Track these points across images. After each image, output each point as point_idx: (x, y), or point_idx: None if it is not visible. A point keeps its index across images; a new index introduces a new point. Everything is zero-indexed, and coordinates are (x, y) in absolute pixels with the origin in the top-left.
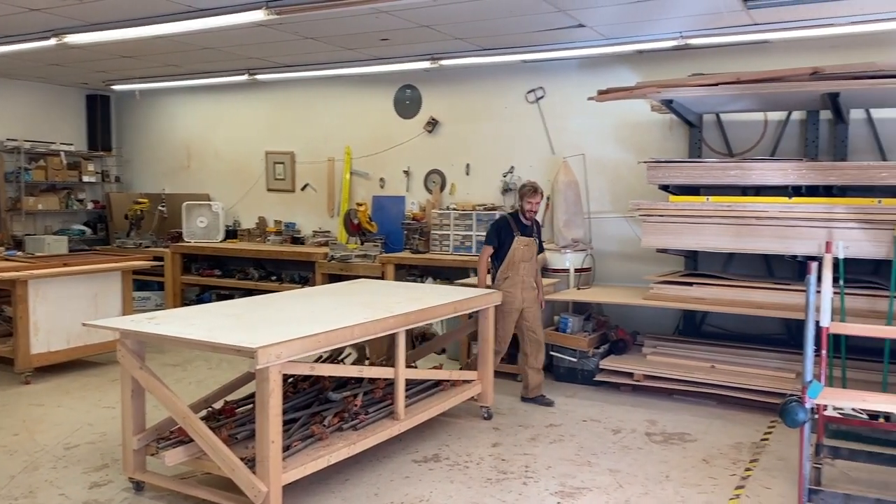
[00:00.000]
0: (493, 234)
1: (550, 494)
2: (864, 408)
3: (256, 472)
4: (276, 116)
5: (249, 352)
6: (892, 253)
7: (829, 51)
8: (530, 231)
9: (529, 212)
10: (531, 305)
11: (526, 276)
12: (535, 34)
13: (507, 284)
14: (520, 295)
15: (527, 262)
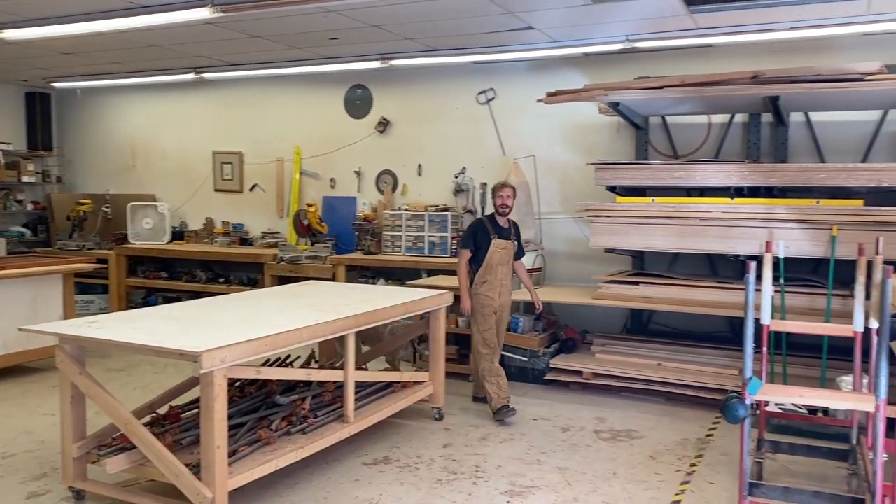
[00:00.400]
0: (468, 238)
1: (500, 494)
2: (802, 403)
3: (202, 477)
4: (224, 116)
5: (193, 356)
6: (830, 252)
7: (769, 55)
8: (507, 233)
9: (502, 206)
10: (505, 310)
11: (504, 279)
12: (485, 35)
13: (486, 288)
14: (498, 299)
15: (504, 266)
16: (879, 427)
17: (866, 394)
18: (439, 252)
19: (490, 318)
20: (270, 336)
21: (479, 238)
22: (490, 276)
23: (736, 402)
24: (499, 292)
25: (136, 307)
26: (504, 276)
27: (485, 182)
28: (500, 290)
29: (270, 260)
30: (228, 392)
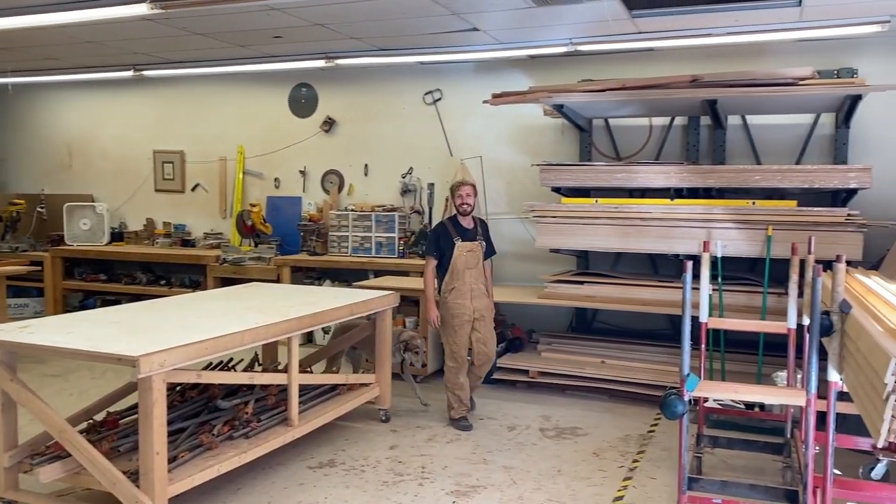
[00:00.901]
0: (432, 244)
1: (446, 494)
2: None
3: (140, 485)
4: (165, 114)
5: (131, 360)
6: (765, 251)
7: (708, 60)
8: (472, 234)
9: (462, 206)
10: (485, 315)
11: (474, 283)
12: (431, 36)
13: (454, 296)
14: (470, 305)
15: (472, 269)
16: (811, 420)
17: (799, 389)
18: (387, 253)
19: (461, 329)
20: (212, 339)
21: (443, 243)
22: (458, 283)
23: (675, 398)
24: (470, 297)
25: (73, 310)
26: (474, 280)
27: (432, 182)
28: (472, 295)
29: (213, 261)
30: (168, 397)
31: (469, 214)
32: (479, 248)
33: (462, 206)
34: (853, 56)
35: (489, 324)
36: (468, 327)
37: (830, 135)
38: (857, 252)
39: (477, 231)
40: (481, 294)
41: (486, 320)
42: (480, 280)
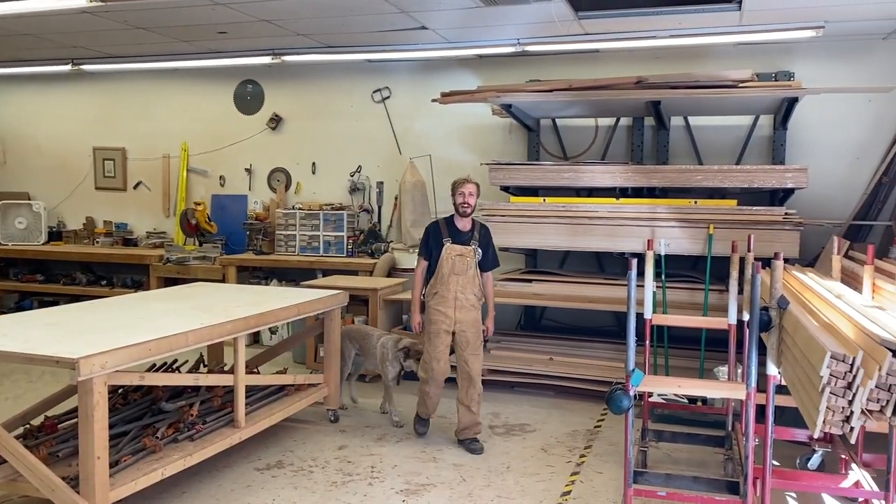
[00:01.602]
0: (422, 244)
1: (396, 493)
2: (681, 393)
3: (80, 491)
4: (106, 110)
5: (70, 363)
6: (707, 249)
7: (653, 61)
8: (467, 238)
9: (462, 205)
10: (466, 329)
11: (460, 292)
12: (379, 34)
13: (435, 301)
14: (452, 315)
15: (460, 276)
16: (750, 413)
17: (739, 383)
18: (335, 252)
19: (437, 340)
20: (155, 340)
21: (432, 243)
22: (441, 288)
23: (620, 393)
24: (453, 307)
25: (8, 312)
26: (460, 289)
27: (381, 181)
28: (455, 305)
29: (156, 261)
30: (110, 399)
31: (469, 216)
32: (472, 255)
33: (462, 205)
34: (790, 60)
35: (473, 340)
36: (445, 339)
37: (769, 136)
38: (794, 250)
39: (473, 236)
40: (468, 306)
41: (469, 336)
42: (470, 290)
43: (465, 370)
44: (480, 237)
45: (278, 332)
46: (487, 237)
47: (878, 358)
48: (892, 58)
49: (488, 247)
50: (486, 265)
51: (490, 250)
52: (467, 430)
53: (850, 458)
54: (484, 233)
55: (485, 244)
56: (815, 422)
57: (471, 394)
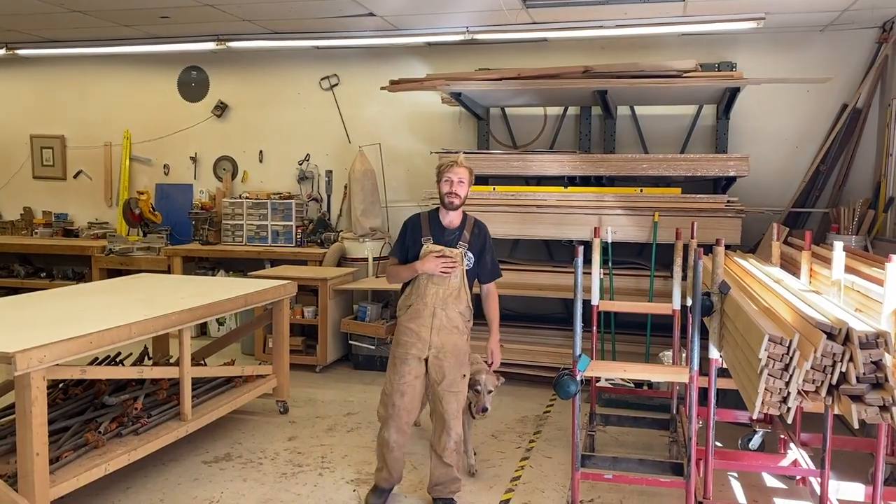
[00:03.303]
0: (398, 239)
1: (346, 483)
2: (627, 377)
3: (19, 489)
4: (44, 97)
5: (6, 357)
6: (652, 237)
7: (600, 51)
8: (453, 237)
9: (449, 195)
10: (444, 358)
11: (440, 307)
12: (326, 20)
13: (407, 317)
14: (427, 337)
15: (440, 287)
16: (693, 396)
17: (683, 367)
18: (284, 241)
19: (403, 367)
20: (96, 333)
21: (409, 240)
22: (415, 300)
23: (567, 378)
24: (428, 327)
25: None
26: (439, 303)
27: (330, 170)
28: (432, 325)
29: (98, 252)
30: (50, 394)
31: (457, 209)
32: (460, 258)
33: (449, 195)
34: (733, 51)
35: (451, 373)
36: (415, 367)
37: (712, 125)
38: (735, 236)
39: (463, 236)
40: (449, 327)
41: (446, 366)
42: (454, 306)
43: (438, 411)
44: (473, 238)
45: (226, 323)
46: (483, 239)
47: (813, 340)
48: (829, 49)
49: (484, 251)
50: (483, 275)
51: (487, 256)
52: (440, 488)
53: (788, 438)
54: (478, 233)
55: (479, 247)
56: (754, 403)
57: (444, 440)
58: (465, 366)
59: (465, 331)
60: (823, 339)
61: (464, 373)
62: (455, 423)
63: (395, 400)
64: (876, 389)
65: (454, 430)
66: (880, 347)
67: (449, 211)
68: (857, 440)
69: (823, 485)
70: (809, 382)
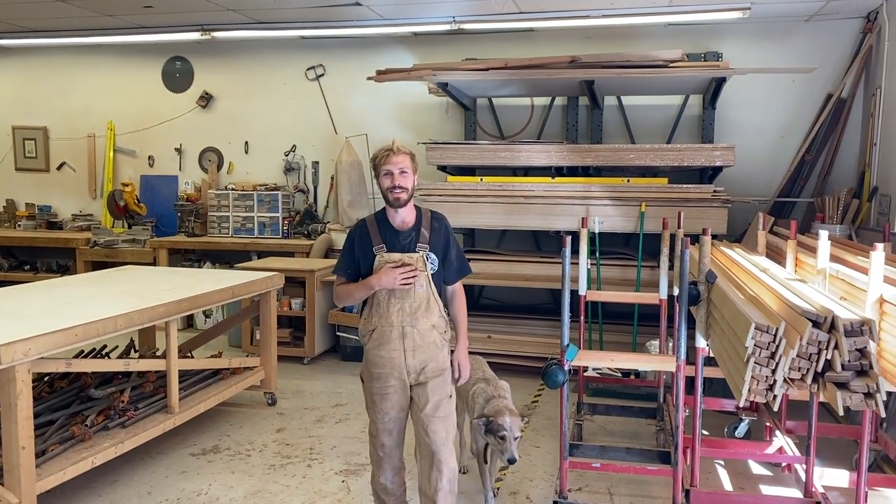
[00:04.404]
0: (343, 254)
1: (335, 473)
2: (614, 366)
3: (5, 482)
4: (26, 87)
5: None
6: (639, 227)
7: (587, 41)
8: (410, 240)
9: (392, 190)
10: (427, 380)
11: (409, 324)
12: (312, 10)
13: (374, 344)
14: (400, 361)
15: (404, 301)
16: (680, 385)
17: (670, 356)
18: (270, 233)
19: (384, 403)
20: (81, 325)
21: (358, 253)
22: (379, 321)
23: (555, 368)
24: (400, 349)
25: None
26: (407, 319)
27: (317, 161)
28: (403, 346)
29: (83, 244)
30: (35, 388)
31: (405, 205)
32: (424, 265)
33: (392, 191)
34: (718, 41)
35: (437, 396)
36: (397, 398)
37: (698, 115)
38: (722, 226)
39: (421, 235)
40: (426, 343)
41: (430, 389)
42: (425, 319)
43: (424, 443)
44: (433, 235)
45: (213, 315)
46: (445, 233)
47: (799, 328)
48: (814, 39)
49: (448, 247)
50: (449, 275)
51: (451, 251)
52: None
53: (774, 426)
54: (437, 227)
55: (441, 244)
56: (740, 391)
57: (435, 479)
58: (450, 384)
59: (443, 344)
60: (809, 327)
61: (450, 393)
62: (447, 456)
63: (384, 440)
64: (860, 377)
65: (446, 466)
66: (865, 335)
67: (398, 209)
68: (841, 427)
69: (809, 471)
70: (795, 370)
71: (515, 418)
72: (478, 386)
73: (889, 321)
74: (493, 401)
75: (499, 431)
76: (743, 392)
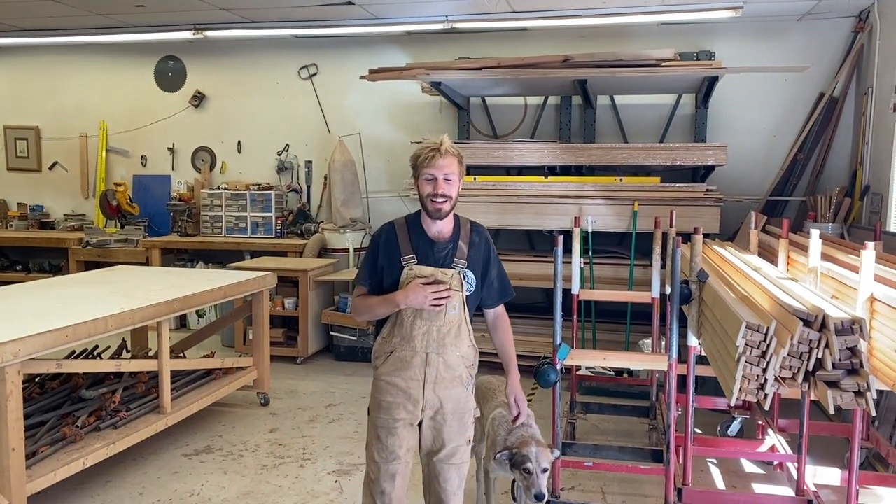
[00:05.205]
0: (366, 259)
1: (328, 474)
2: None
3: None
4: (17, 87)
5: None
6: (632, 226)
7: (579, 40)
8: (446, 254)
9: (434, 199)
10: (444, 420)
11: (435, 351)
12: (304, 9)
13: (389, 368)
14: (417, 394)
15: (433, 323)
16: (672, 383)
17: (662, 354)
18: (263, 233)
19: (391, 439)
20: (72, 326)
21: (383, 258)
22: (400, 344)
23: (548, 367)
24: (419, 380)
25: None
26: (433, 346)
27: (310, 160)
28: (424, 377)
29: (75, 244)
30: (26, 389)
31: (446, 217)
32: (457, 284)
33: (434, 199)
34: (711, 40)
35: (454, 439)
36: (407, 437)
37: (691, 114)
38: (714, 225)
39: (458, 249)
40: (450, 378)
41: (447, 431)
42: (453, 348)
43: (433, 489)
44: (472, 251)
45: (206, 315)
46: (486, 248)
47: (790, 327)
48: (806, 38)
49: (488, 265)
50: (489, 298)
51: (492, 270)
52: None
53: (766, 424)
54: (477, 241)
55: (481, 261)
56: (732, 390)
57: None
58: (470, 428)
59: (468, 380)
60: (800, 325)
61: (468, 438)
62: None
63: (385, 486)
64: (851, 375)
65: None
66: (855, 334)
67: (436, 219)
68: (833, 425)
69: (800, 470)
70: (786, 369)
71: (543, 449)
72: (498, 412)
73: (880, 320)
74: (517, 430)
75: (523, 464)
76: (734, 391)
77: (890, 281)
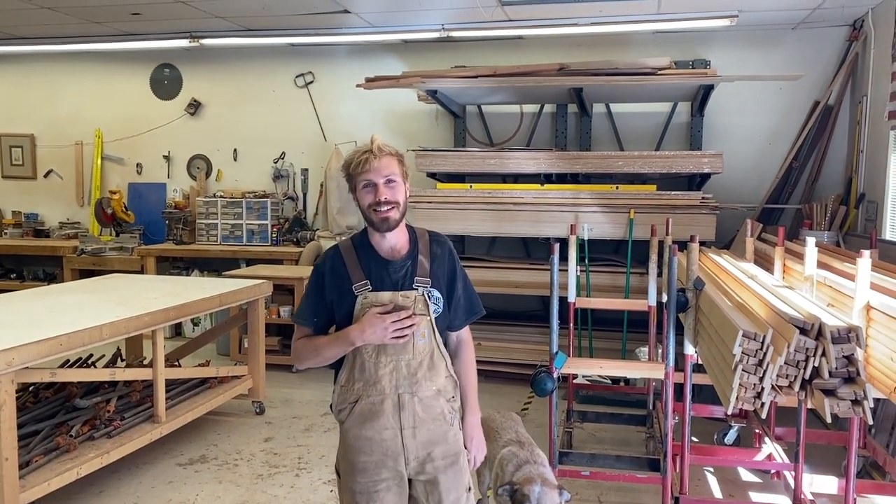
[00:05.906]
0: (308, 294)
1: (324, 483)
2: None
3: None
4: (12, 94)
5: None
6: (628, 233)
7: (575, 48)
8: (404, 273)
9: (377, 208)
10: (436, 470)
11: (405, 389)
12: (301, 17)
13: (356, 421)
14: (395, 445)
15: (399, 358)
16: (669, 392)
17: (659, 363)
18: (259, 240)
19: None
20: (66, 335)
21: (330, 292)
22: (363, 387)
23: (544, 376)
24: (395, 428)
25: None
26: (403, 384)
27: (306, 168)
28: (400, 423)
29: (70, 252)
30: (19, 398)
31: (395, 227)
32: (422, 306)
33: (378, 209)
34: (706, 48)
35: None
36: (394, 498)
37: (686, 122)
38: (710, 233)
39: (418, 265)
40: (431, 417)
41: (443, 482)
42: (428, 381)
43: None
44: (435, 265)
45: (201, 323)
46: (450, 260)
47: (786, 335)
48: (801, 47)
49: (454, 279)
50: (455, 318)
51: (458, 285)
52: None
53: (763, 433)
54: (439, 252)
55: (446, 276)
56: (728, 398)
57: None
58: (466, 472)
59: (452, 416)
60: (796, 334)
61: (467, 484)
62: None
63: None
64: (848, 384)
65: None
66: (852, 342)
67: (384, 231)
68: (830, 434)
69: (797, 478)
70: (783, 377)
71: (549, 490)
72: (508, 449)
73: (876, 328)
74: (526, 467)
75: (523, 502)
76: (731, 399)
77: (886, 289)
